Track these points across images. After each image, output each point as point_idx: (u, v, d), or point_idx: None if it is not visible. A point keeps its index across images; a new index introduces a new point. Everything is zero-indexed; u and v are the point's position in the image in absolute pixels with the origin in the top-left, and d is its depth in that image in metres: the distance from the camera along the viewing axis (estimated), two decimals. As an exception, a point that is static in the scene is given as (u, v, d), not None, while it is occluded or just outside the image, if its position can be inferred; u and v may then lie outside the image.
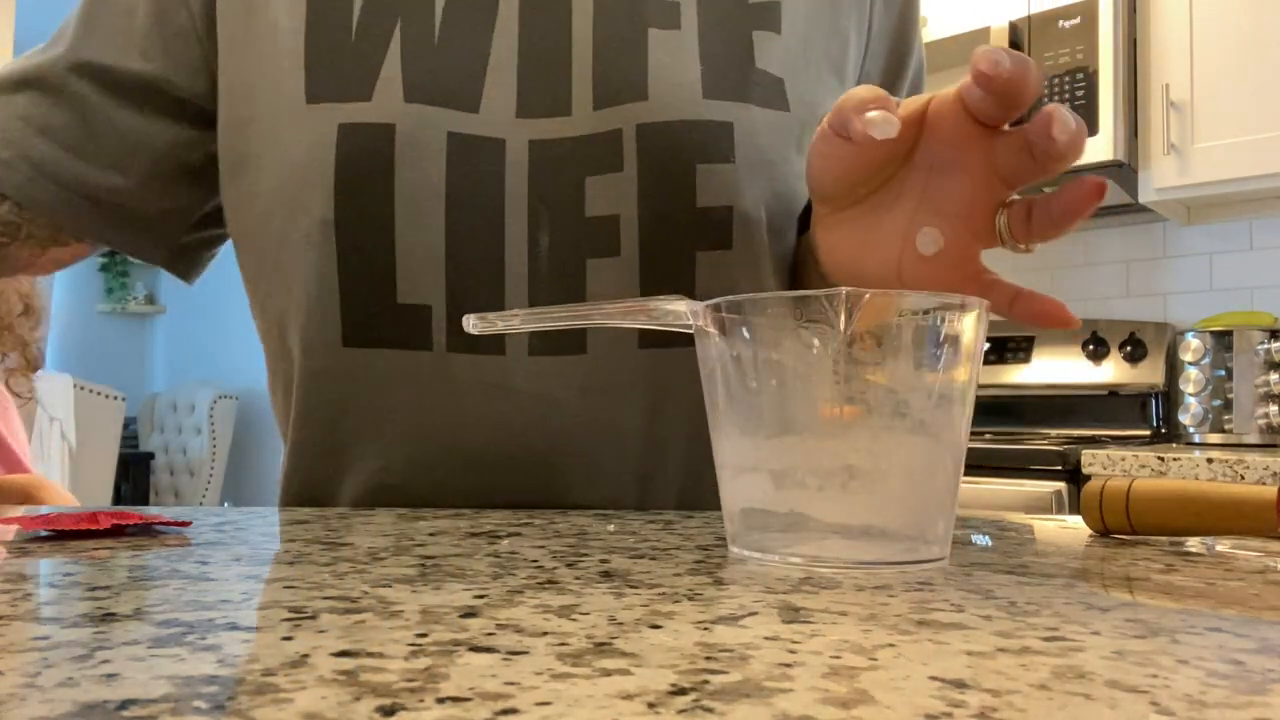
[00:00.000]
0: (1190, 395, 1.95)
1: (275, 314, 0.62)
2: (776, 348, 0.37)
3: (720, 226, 0.58)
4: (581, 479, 0.59)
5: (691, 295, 0.57)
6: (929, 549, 0.37)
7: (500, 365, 0.57)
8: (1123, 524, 0.44)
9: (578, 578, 0.33)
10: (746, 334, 0.38)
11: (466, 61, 0.57)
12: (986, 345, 0.46)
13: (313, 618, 0.26)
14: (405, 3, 0.58)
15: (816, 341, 0.36)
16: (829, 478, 0.36)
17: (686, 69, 0.58)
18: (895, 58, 0.71)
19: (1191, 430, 1.96)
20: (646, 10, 0.59)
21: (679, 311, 0.40)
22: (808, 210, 0.64)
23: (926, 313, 0.36)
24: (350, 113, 0.56)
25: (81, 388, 3.77)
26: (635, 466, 0.60)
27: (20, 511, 0.53)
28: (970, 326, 0.37)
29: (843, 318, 0.35)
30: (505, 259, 0.57)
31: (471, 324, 0.42)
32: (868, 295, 0.35)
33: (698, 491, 0.61)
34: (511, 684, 0.20)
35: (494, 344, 0.57)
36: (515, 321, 0.43)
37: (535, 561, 0.36)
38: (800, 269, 0.64)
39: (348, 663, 0.22)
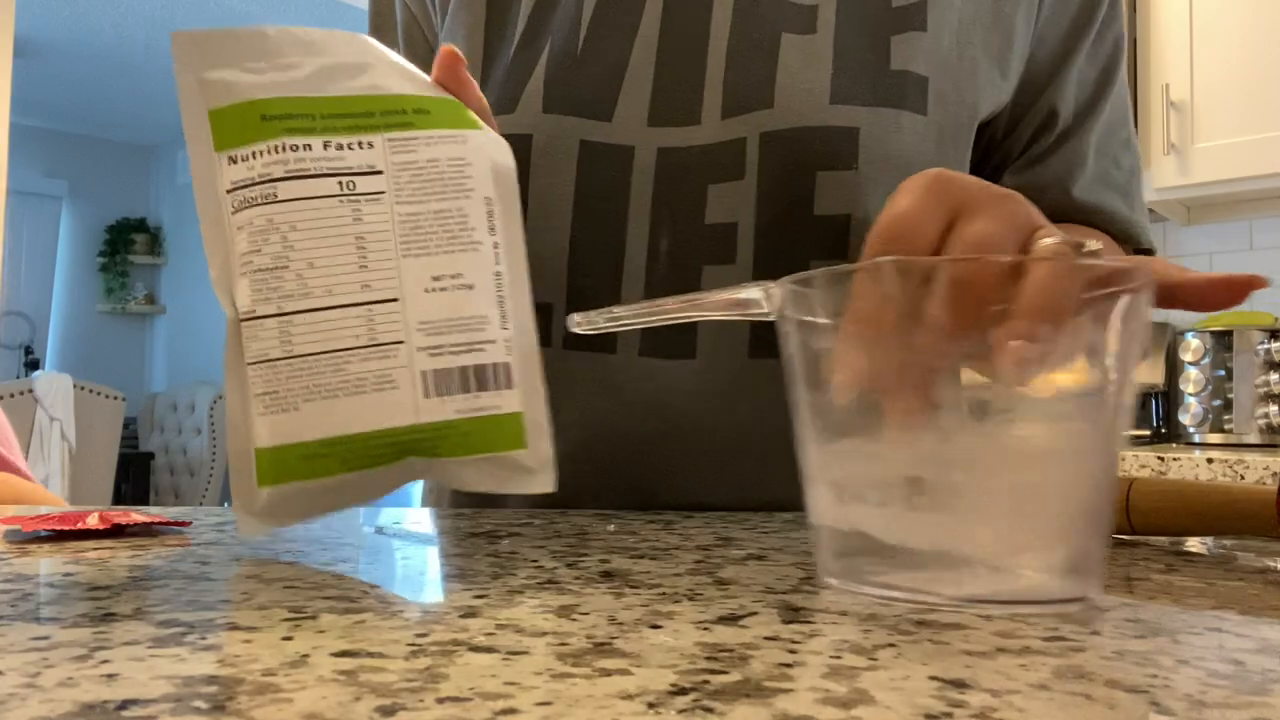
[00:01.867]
0: (1190, 395, 1.95)
1: None
2: (831, 333, 0.31)
3: (838, 234, 0.57)
4: (680, 484, 0.60)
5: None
6: (1048, 582, 0.30)
7: (611, 364, 0.59)
8: (1122, 524, 0.44)
9: (578, 578, 0.33)
10: (808, 319, 0.33)
11: (605, 71, 0.60)
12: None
13: (313, 618, 0.26)
14: (557, 19, 0.62)
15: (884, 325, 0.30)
16: (893, 492, 0.30)
17: (816, 74, 0.58)
18: (1070, 39, 0.66)
19: (1191, 430, 1.96)
20: (783, 14, 0.59)
21: (757, 299, 0.36)
22: None
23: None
24: (500, 125, 0.59)
25: (81, 388, 3.77)
26: (735, 476, 0.60)
27: (20, 512, 0.53)
28: (1123, 306, 0.29)
29: (904, 294, 0.29)
30: (625, 262, 0.59)
31: (575, 321, 0.41)
32: (935, 265, 0.29)
33: (799, 507, 0.60)
34: (511, 684, 0.20)
35: (607, 343, 0.59)
36: (620, 314, 0.41)
37: (535, 561, 0.36)
38: None
39: (348, 663, 0.22)
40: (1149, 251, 0.70)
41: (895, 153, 0.58)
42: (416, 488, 0.62)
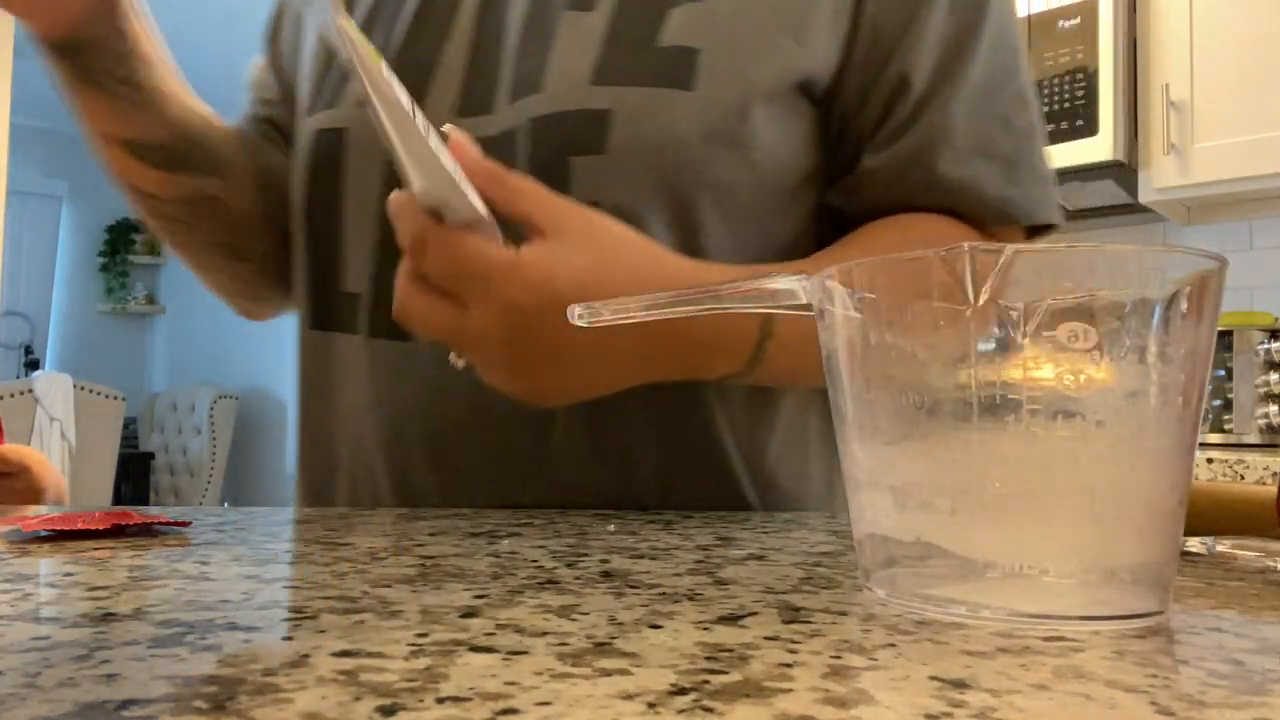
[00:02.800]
0: (1190, 395, 1.95)
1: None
2: (890, 327, 0.29)
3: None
4: (472, 466, 0.59)
5: None
6: (1127, 597, 0.28)
7: (405, 351, 0.59)
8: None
9: (578, 578, 0.33)
10: (856, 313, 0.30)
11: (417, 65, 0.60)
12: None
13: (313, 618, 0.26)
14: (382, 15, 0.65)
15: (943, 316, 0.28)
16: (962, 498, 0.27)
17: (583, 55, 0.55)
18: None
19: (1191, 430, 1.95)
20: None
21: (794, 290, 0.34)
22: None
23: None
24: (323, 119, 0.64)
25: (81, 388, 3.77)
26: (522, 460, 0.58)
27: (20, 511, 0.53)
28: (1193, 294, 0.27)
29: (970, 285, 0.27)
30: None
31: (577, 314, 0.39)
32: (1005, 253, 0.27)
33: (584, 485, 0.59)
34: (511, 684, 0.20)
35: (401, 331, 0.57)
36: (628, 305, 0.38)
37: (535, 561, 0.36)
38: None
39: (348, 663, 0.22)
40: (1045, 229, 0.63)
41: (652, 134, 0.55)
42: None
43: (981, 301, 0.27)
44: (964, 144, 0.59)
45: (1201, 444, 1.93)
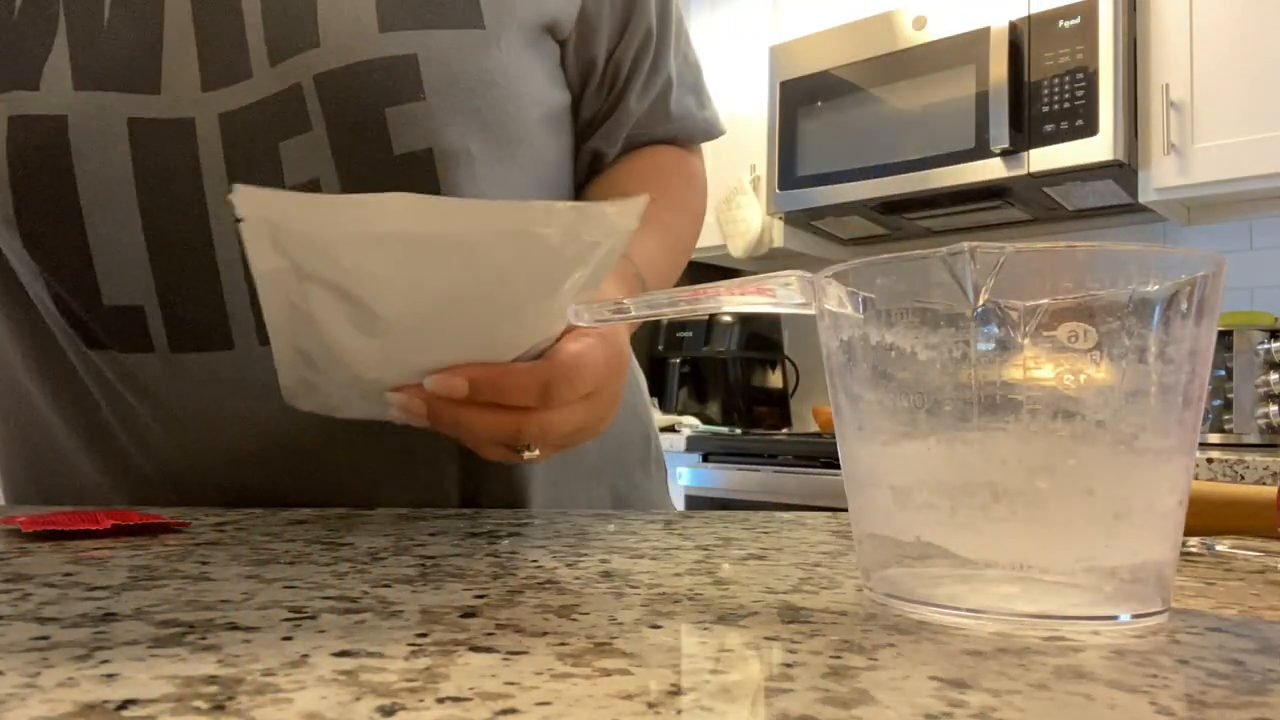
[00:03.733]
0: (1190, 395, 1.95)
1: (6, 328, 0.59)
2: (890, 327, 0.29)
3: (424, 172, 0.53)
4: (330, 472, 0.57)
5: None
6: (1130, 597, 0.27)
7: (233, 360, 0.54)
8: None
9: (578, 578, 0.33)
10: (855, 313, 0.30)
11: (139, 39, 0.53)
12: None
13: (313, 618, 0.26)
14: (74, 8, 0.53)
15: (943, 316, 0.28)
16: (962, 498, 0.27)
17: (358, 4, 0.53)
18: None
19: (1191, 430, 1.95)
20: None
21: (792, 289, 0.34)
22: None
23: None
24: (18, 103, 0.52)
25: (81, 388, 3.76)
26: (376, 460, 0.57)
27: (20, 512, 0.53)
28: (1191, 290, 0.27)
29: (971, 283, 0.27)
30: (215, 245, 0.52)
31: (574, 313, 0.38)
32: (1007, 253, 0.27)
33: (482, 481, 0.59)
34: (511, 684, 0.20)
35: (222, 339, 0.53)
36: (627, 307, 0.37)
37: (535, 561, 0.36)
38: None
39: (348, 663, 0.22)
40: (711, 137, 0.73)
41: (462, 74, 0.54)
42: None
43: (982, 301, 0.27)
44: (680, 82, 0.69)
45: (1201, 444, 1.93)
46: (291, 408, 0.48)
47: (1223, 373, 1.90)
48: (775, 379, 2.80)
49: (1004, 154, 2.07)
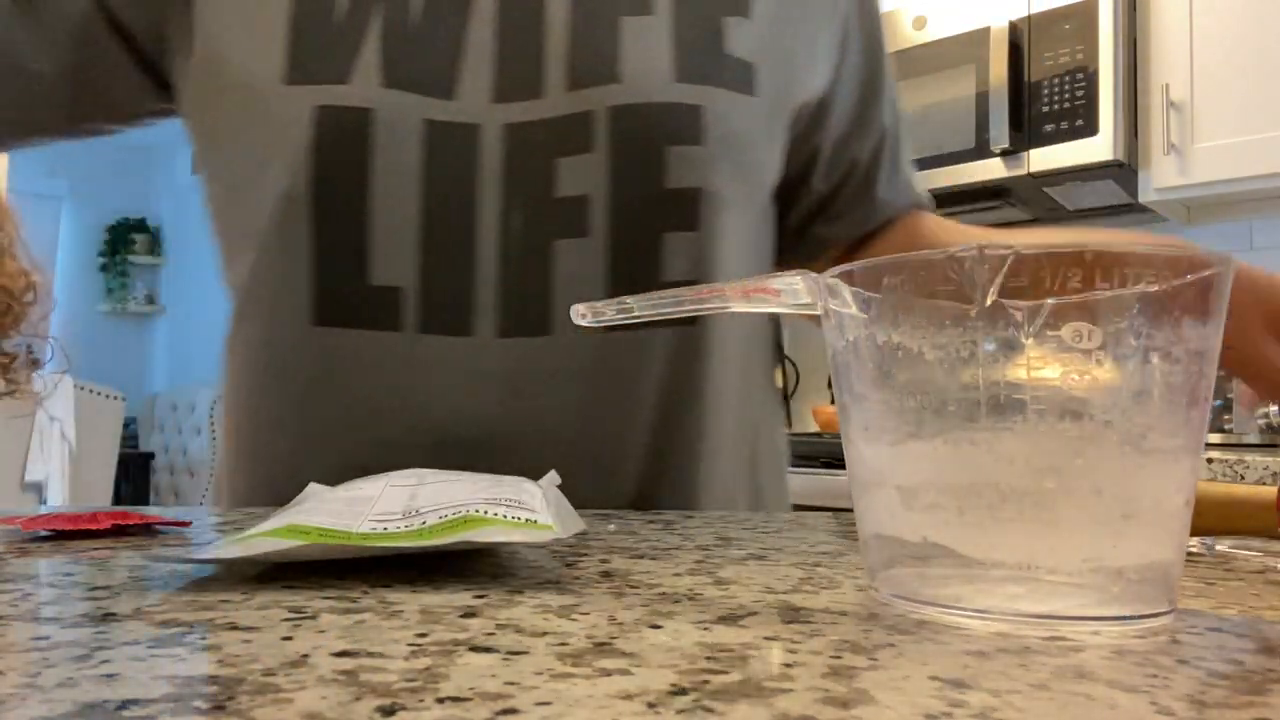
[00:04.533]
0: (1190, 395, 1.94)
1: (244, 291, 0.63)
2: (896, 327, 0.29)
3: (689, 208, 0.59)
4: (543, 465, 0.57)
5: (656, 277, 0.58)
6: (1135, 596, 0.27)
7: (469, 347, 0.58)
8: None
9: (578, 578, 0.33)
10: (861, 313, 0.30)
11: (444, 48, 0.59)
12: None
13: (313, 618, 0.26)
14: None
15: (949, 316, 0.28)
16: (969, 499, 0.27)
17: (658, 54, 0.59)
18: (871, 59, 0.72)
19: (1191, 430, 1.95)
20: None
21: (798, 289, 0.34)
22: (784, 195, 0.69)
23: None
24: (327, 95, 0.57)
25: (81, 388, 3.77)
26: (596, 455, 0.59)
27: (20, 512, 0.53)
28: (1192, 290, 0.27)
29: (979, 284, 0.27)
30: (477, 241, 0.58)
31: (580, 314, 0.38)
32: (1012, 253, 0.27)
33: (657, 485, 0.60)
34: (511, 684, 0.20)
35: (463, 326, 0.57)
36: (631, 305, 0.37)
37: (535, 561, 0.36)
38: None
39: (348, 663, 0.22)
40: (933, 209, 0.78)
41: (734, 131, 0.60)
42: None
43: (988, 301, 0.27)
44: (907, 158, 0.75)
45: (1201, 444, 1.92)
46: (506, 398, 0.56)
47: (1223, 373, 1.89)
48: (775, 379, 2.80)
49: (1004, 154, 2.07)
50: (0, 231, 1.04)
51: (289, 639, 0.24)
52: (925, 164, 2.13)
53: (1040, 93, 2.04)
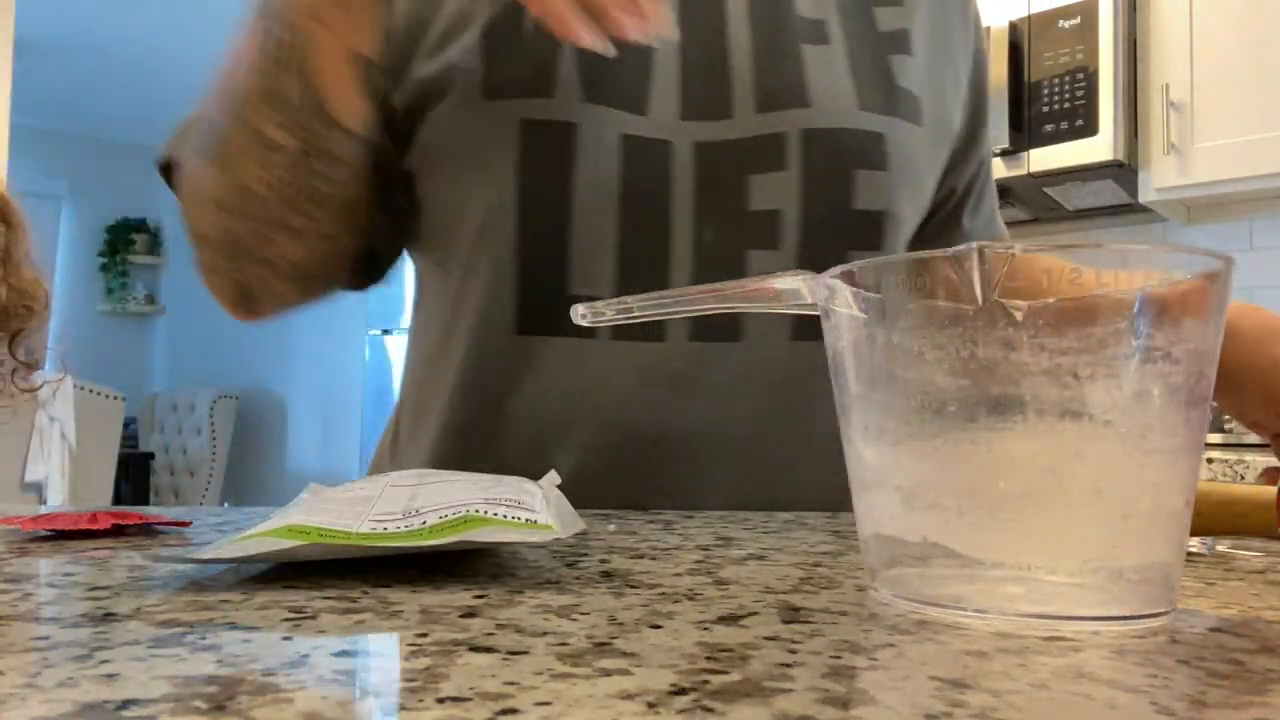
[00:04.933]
0: (1190, 395, 1.94)
1: (449, 299, 0.64)
2: (896, 327, 0.29)
3: (874, 228, 0.62)
4: (726, 467, 0.60)
5: None
6: (1134, 597, 0.27)
7: (662, 352, 0.60)
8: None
9: (578, 578, 0.33)
10: (861, 313, 0.30)
11: (634, 64, 0.60)
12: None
13: (313, 618, 0.26)
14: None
15: (949, 316, 0.27)
16: (969, 499, 0.27)
17: (840, 82, 0.63)
18: (977, 92, 0.75)
19: (1191, 430, 1.95)
20: (797, 25, 0.64)
21: (798, 290, 0.34)
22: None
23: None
24: (531, 109, 0.59)
25: (81, 388, 3.77)
26: (778, 460, 0.61)
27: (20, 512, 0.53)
28: (1190, 294, 0.27)
29: (978, 284, 0.27)
30: (671, 253, 0.60)
31: (580, 314, 0.39)
32: (1015, 252, 0.27)
33: (838, 490, 0.61)
34: (511, 684, 0.20)
35: (655, 331, 0.60)
36: (631, 305, 0.38)
37: (535, 561, 0.36)
38: None
39: (348, 663, 0.22)
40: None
41: (910, 159, 0.64)
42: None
43: (987, 301, 0.27)
44: (992, 190, 0.78)
45: (1201, 444, 1.92)
46: (697, 401, 0.59)
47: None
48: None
49: (1004, 154, 2.07)
50: (17, 242, 1.05)
51: (289, 639, 0.24)
52: (925, 164, 2.13)
53: (1040, 93, 2.04)
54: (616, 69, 0.59)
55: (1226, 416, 1.87)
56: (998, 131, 2.02)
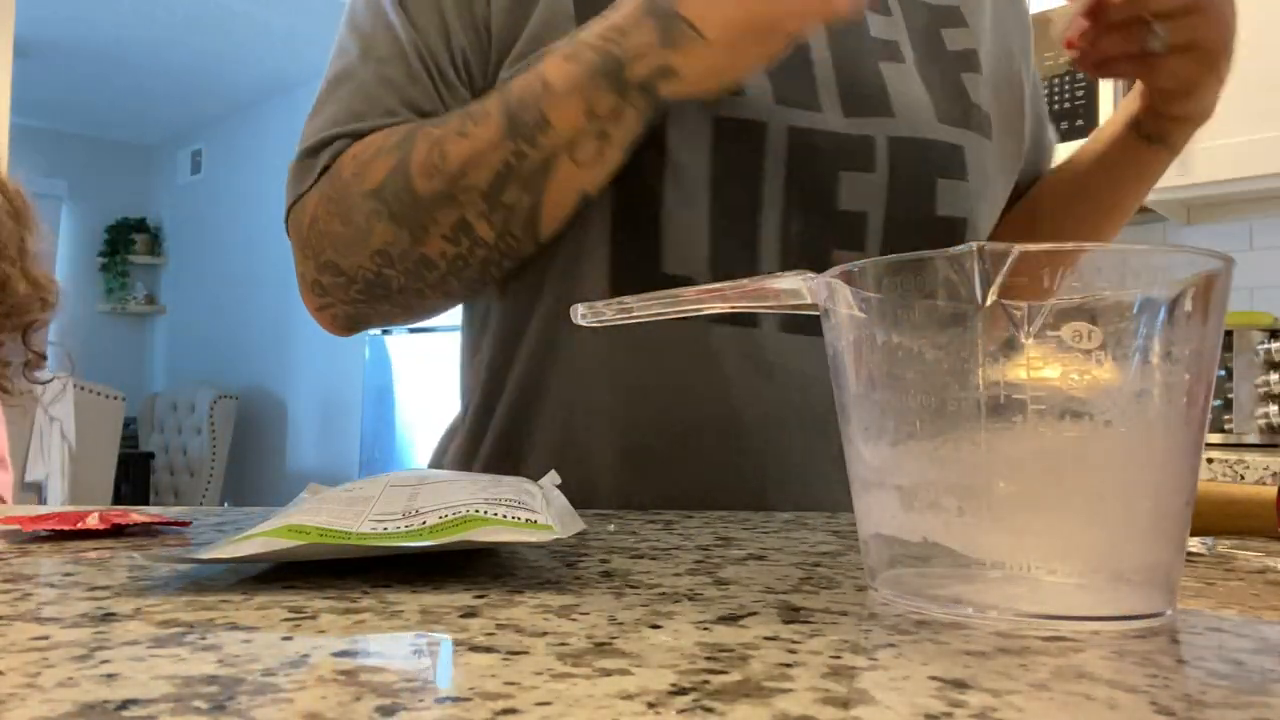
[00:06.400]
0: (1190, 395, 1.94)
1: (528, 281, 0.63)
2: (896, 327, 0.29)
3: (954, 236, 0.64)
4: (803, 456, 0.61)
5: None
6: (1131, 597, 0.27)
7: (755, 339, 0.61)
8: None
9: (578, 578, 0.33)
10: (861, 313, 0.30)
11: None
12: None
13: (313, 618, 0.26)
14: None
15: (949, 316, 0.27)
16: (969, 499, 0.27)
17: (919, 96, 0.65)
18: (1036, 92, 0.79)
19: (1191, 430, 1.95)
20: (871, 44, 0.65)
21: (798, 290, 0.34)
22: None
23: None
24: None
25: (81, 388, 3.77)
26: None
27: (20, 512, 0.53)
28: (1193, 289, 0.27)
29: (978, 283, 0.27)
30: (760, 239, 0.61)
31: (580, 314, 0.39)
32: (1015, 252, 0.26)
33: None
34: (511, 684, 0.20)
35: (750, 318, 0.60)
36: (630, 305, 0.38)
37: (535, 561, 0.36)
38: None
39: (348, 663, 0.22)
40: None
41: (986, 171, 0.66)
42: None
43: (988, 301, 0.27)
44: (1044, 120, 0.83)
45: (1201, 444, 1.92)
46: (789, 390, 0.60)
47: (1223, 373, 1.90)
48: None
49: (1004, 154, 2.07)
50: (31, 235, 1.06)
51: (289, 639, 0.24)
52: (925, 164, 2.13)
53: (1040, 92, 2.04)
54: None
55: (1227, 416, 1.88)
56: (998, 131, 2.02)
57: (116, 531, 0.43)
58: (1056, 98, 2.02)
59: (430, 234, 0.57)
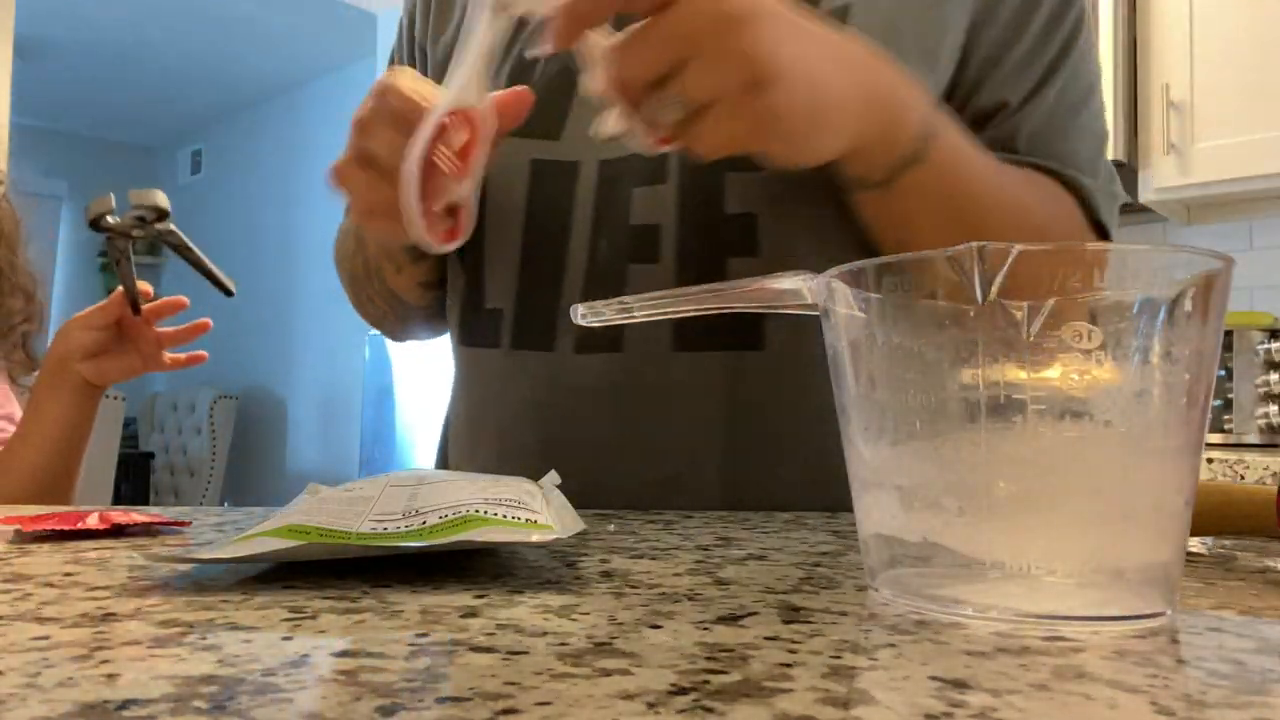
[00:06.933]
0: (1190, 395, 1.94)
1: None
2: (896, 327, 0.29)
3: (746, 233, 0.60)
4: (619, 475, 0.61)
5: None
6: (1131, 597, 0.27)
7: (551, 362, 0.62)
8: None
9: (578, 578, 0.33)
10: (861, 313, 0.30)
11: (557, 96, 0.63)
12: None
13: (313, 618, 0.26)
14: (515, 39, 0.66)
15: (949, 316, 0.27)
16: (969, 499, 0.27)
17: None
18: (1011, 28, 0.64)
19: (1191, 430, 1.95)
20: None
21: (798, 290, 0.33)
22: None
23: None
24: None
25: (81, 388, 3.76)
26: (668, 470, 0.61)
27: (20, 511, 0.53)
28: (1193, 290, 0.27)
29: (978, 284, 0.27)
30: (567, 265, 0.62)
31: (580, 314, 0.39)
32: (1015, 252, 0.26)
33: (734, 502, 0.61)
34: (511, 684, 0.20)
35: (546, 342, 0.63)
36: (630, 305, 0.37)
37: (535, 561, 0.36)
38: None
39: (348, 663, 0.22)
40: (1105, 232, 0.69)
41: None
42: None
43: (987, 301, 0.27)
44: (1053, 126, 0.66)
45: (1201, 444, 1.92)
46: (582, 410, 0.61)
47: (1223, 373, 1.90)
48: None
49: (1004, 154, 2.06)
50: (13, 248, 1.07)
51: (289, 639, 0.24)
52: (925, 164, 2.12)
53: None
54: (540, 101, 0.59)
55: (1227, 416, 1.88)
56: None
57: (116, 531, 0.43)
58: (1056, 98, 2.02)
59: (359, 299, 0.75)
